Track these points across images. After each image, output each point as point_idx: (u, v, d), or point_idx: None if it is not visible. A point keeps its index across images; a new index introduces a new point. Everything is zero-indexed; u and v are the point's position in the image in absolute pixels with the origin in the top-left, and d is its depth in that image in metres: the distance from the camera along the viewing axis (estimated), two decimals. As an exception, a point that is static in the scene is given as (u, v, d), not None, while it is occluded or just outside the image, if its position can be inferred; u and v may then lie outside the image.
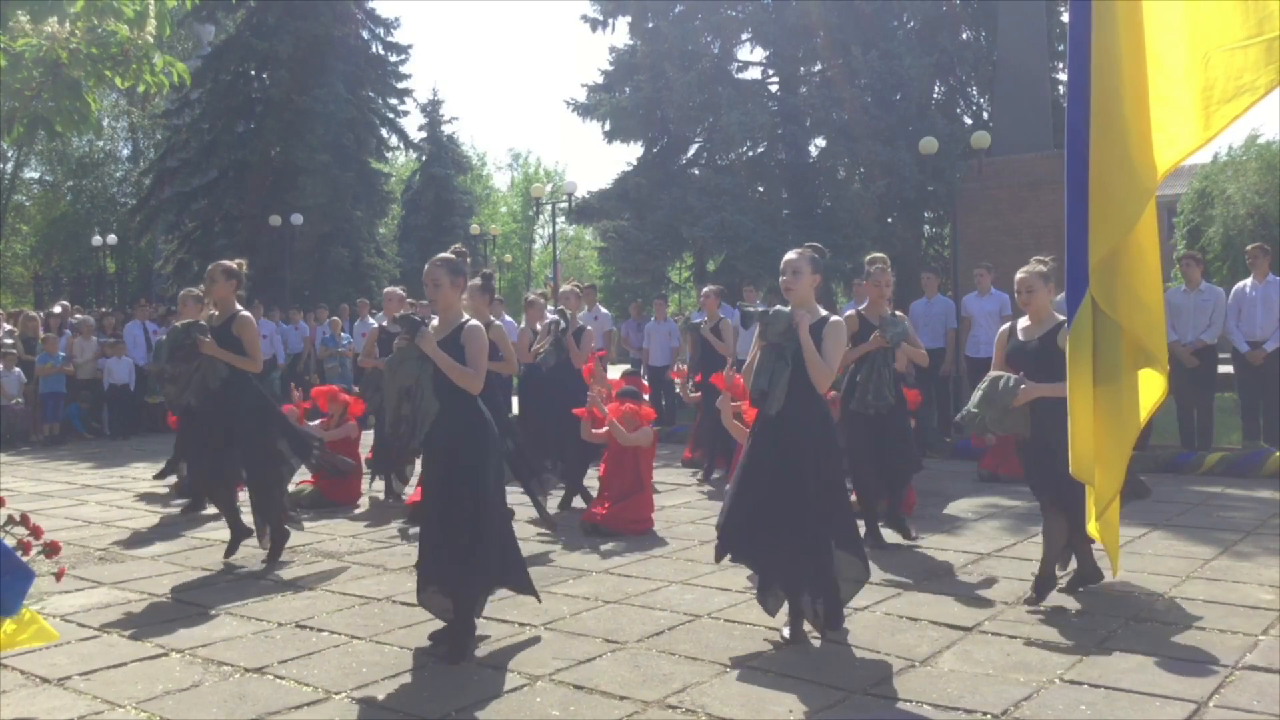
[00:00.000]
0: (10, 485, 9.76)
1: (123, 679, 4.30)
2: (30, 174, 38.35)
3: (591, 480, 7.95)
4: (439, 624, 4.67)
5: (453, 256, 4.75)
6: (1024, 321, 5.32)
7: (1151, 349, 3.05)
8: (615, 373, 8.73)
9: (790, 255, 4.69)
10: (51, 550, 4.96)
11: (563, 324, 8.19)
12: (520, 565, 4.86)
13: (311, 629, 4.96)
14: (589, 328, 8.53)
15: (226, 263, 6.47)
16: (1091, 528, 3.95)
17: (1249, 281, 9.83)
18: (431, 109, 34.94)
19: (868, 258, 6.90)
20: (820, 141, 19.50)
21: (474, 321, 4.71)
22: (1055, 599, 5.19)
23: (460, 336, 4.61)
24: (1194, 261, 10.21)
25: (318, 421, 8.72)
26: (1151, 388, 3.49)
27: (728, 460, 7.22)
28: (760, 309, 4.63)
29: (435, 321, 4.73)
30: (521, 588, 4.87)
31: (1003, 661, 4.27)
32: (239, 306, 6.47)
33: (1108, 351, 3.18)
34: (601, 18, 20.32)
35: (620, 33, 35.75)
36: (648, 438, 7.28)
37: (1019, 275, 5.23)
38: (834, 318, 4.65)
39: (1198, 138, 2.54)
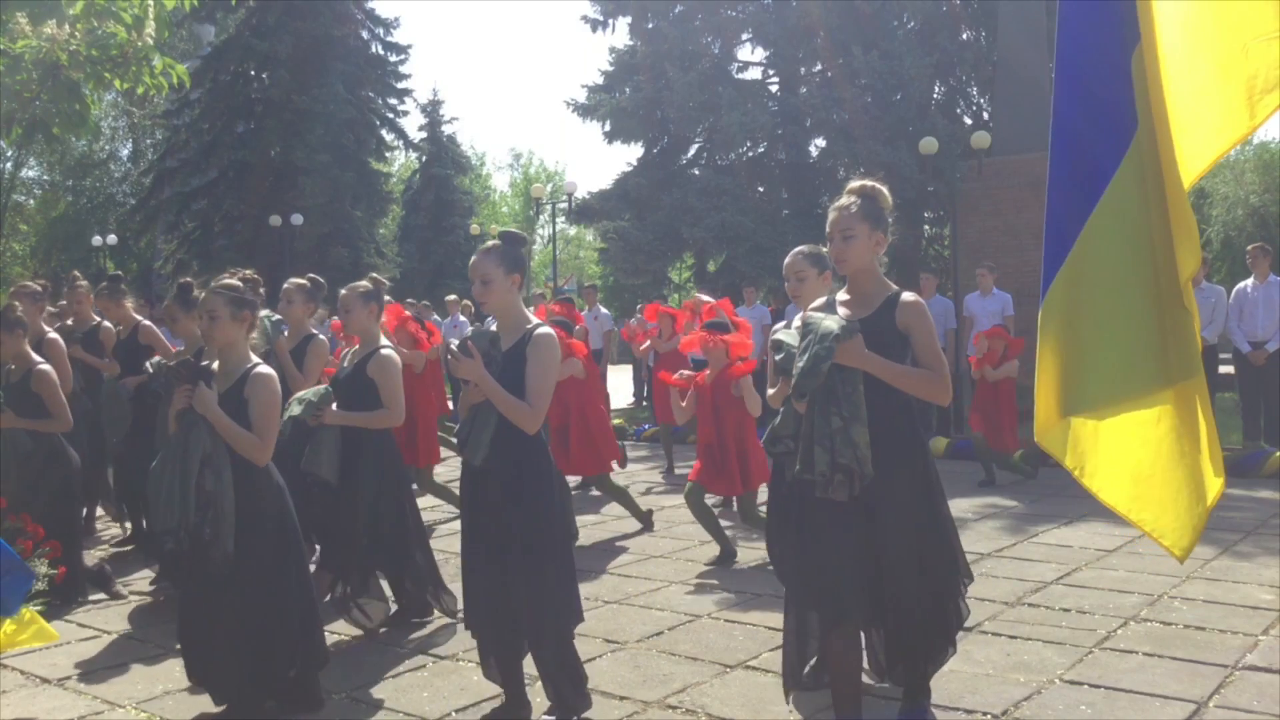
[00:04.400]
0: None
1: (123, 679, 4.30)
2: (29, 174, 38.36)
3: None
4: (437, 625, 4.67)
5: (237, 284, 3.82)
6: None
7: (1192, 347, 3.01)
8: (615, 374, 8.72)
9: (790, 259, 4.14)
10: (53, 551, 4.98)
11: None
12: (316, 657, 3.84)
13: (311, 629, 4.95)
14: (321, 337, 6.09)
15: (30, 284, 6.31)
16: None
17: (1250, 282, 9.83)
18: (431, 109, 34.96)
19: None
20: (820, 141, 19.50)
21: (262, 368, 3.74)
22: (1055, 599, 5.19)
23: (245, 388, 3.66)
24: (1194, 261, 10.21)
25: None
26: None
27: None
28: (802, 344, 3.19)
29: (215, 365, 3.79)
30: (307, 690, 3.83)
31: (1003, 661, 4.27)
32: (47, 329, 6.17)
33: (1179, 348, 3.01)
34: (601, 18, 20.32)
35: (620, 33, 35.76)
36: (577, 368, 6.82)
37: (788, 260, 4.18)
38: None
39: (1243, 126, 2.57)
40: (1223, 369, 10.56)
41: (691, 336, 6.51)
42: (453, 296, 15.91)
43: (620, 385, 16.49)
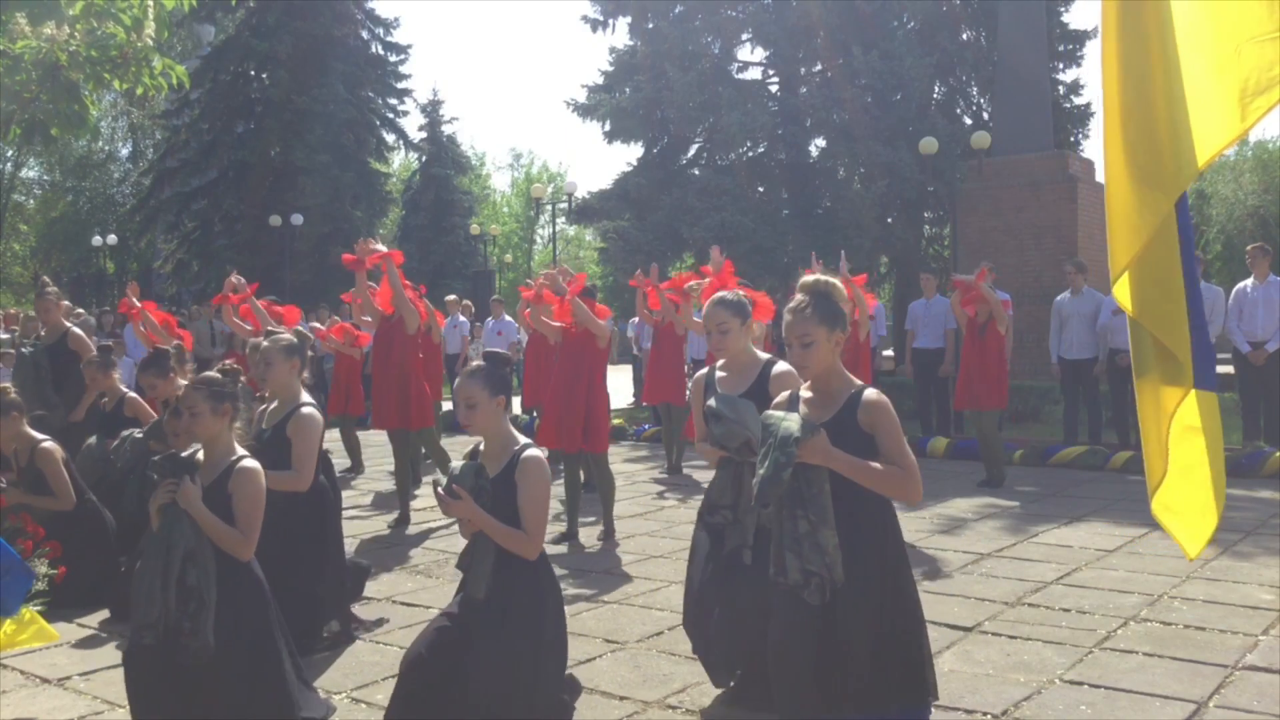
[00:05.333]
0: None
1: (123, 679, 4.30)
2: (29, 174, 38.40)
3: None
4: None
5: (215, 376, 3.72)
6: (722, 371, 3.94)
7: (1175, 352, 3.02)
8: (615, 374, 8.72)
9: (710, 309, 3.80)
10: (53, 551, 4.98)
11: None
12: None
13: (311, 629, 4.95)
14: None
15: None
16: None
17: (1249, 282, 9.83)
18: (431, 109, 34.98)
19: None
20: (820, 142, 19.52)
21: (247, 461, 3.67)
22: (1055, 599, 5.19)
23: (229, 482, 3.59)
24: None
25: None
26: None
27: None
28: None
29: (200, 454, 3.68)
30: None
31: (1003, 661, 4.27)
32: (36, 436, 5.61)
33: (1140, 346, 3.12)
34: (601, 18, 20.33)
35: (620, 33, 35.76)
36: (601, 330, 6.78)
37: (707, 309, 3.88)
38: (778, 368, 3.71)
39: (1234, 129, 2.56)
40: (1222, 369, 10.54)
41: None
42: (452, 297, 15.91)
43: (620, 385, 16.48)
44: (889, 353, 15.42)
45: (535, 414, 11.91)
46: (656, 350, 9.87)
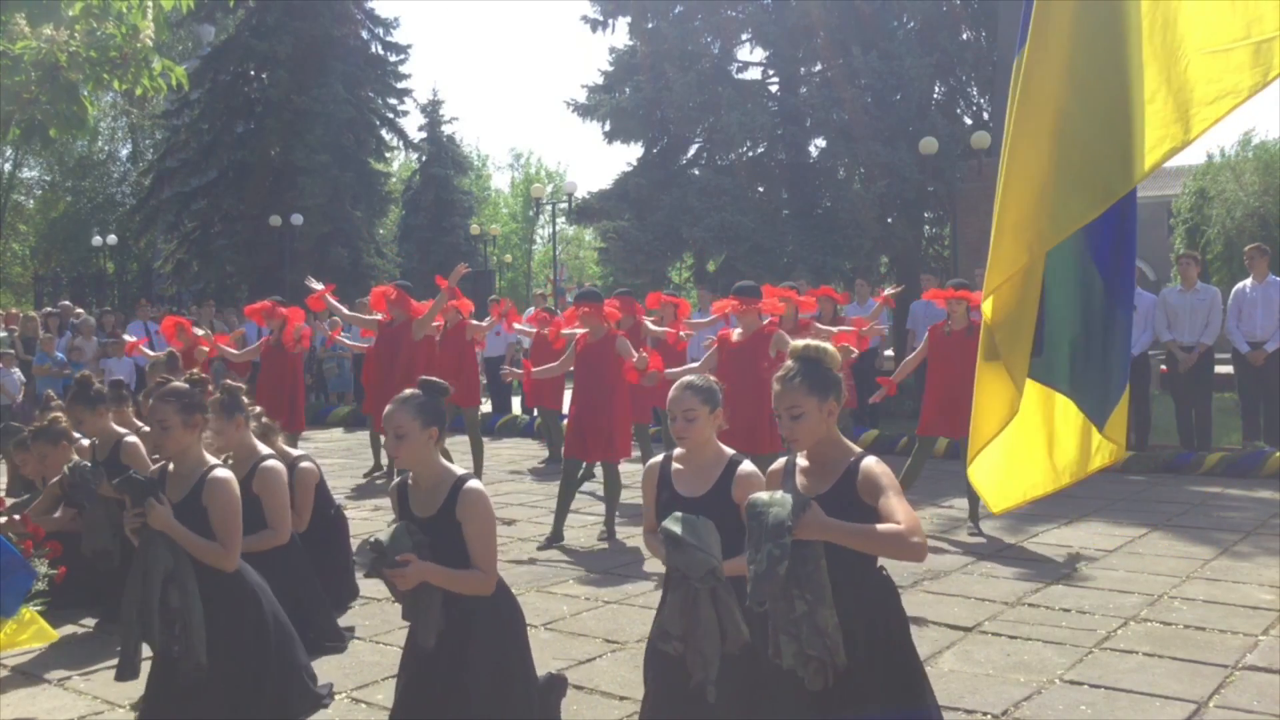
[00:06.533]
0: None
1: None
2: (29, 174, 38.42)
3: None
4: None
5: (183, 386, 3.66)
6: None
7: (1013, 374, 3.13)
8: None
9: (675, 393, 3.35)
10: (53, 551, 4.98)
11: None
12: None
13: (311, 629, 4.95)
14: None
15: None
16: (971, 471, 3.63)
17: (1249, 282, 9.83)
18: (431, 109, 34.96)
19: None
20: (820, 142, 19.50)
21: (219, 471, 3.59)
22: (1055, 599, 5.19)
23: (203, 494, 3.51)
24: (1192, 261, 10.21)
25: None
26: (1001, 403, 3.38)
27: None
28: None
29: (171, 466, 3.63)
30: None
31: (1003, 661, 4.28)
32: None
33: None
34: (601, 18, 20.32)
35: (620, 33, 35.72)
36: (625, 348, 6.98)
37: (674, 393, 3.37)
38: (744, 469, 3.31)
39: (1177, 139, 2.54)
40: (1222, 369, 10.56)
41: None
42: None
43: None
44: (889, 353, 15.42)
45: (536, 414, 11.92)
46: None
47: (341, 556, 5.47)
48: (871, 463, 2.80)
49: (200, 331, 9.67)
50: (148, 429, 6.17)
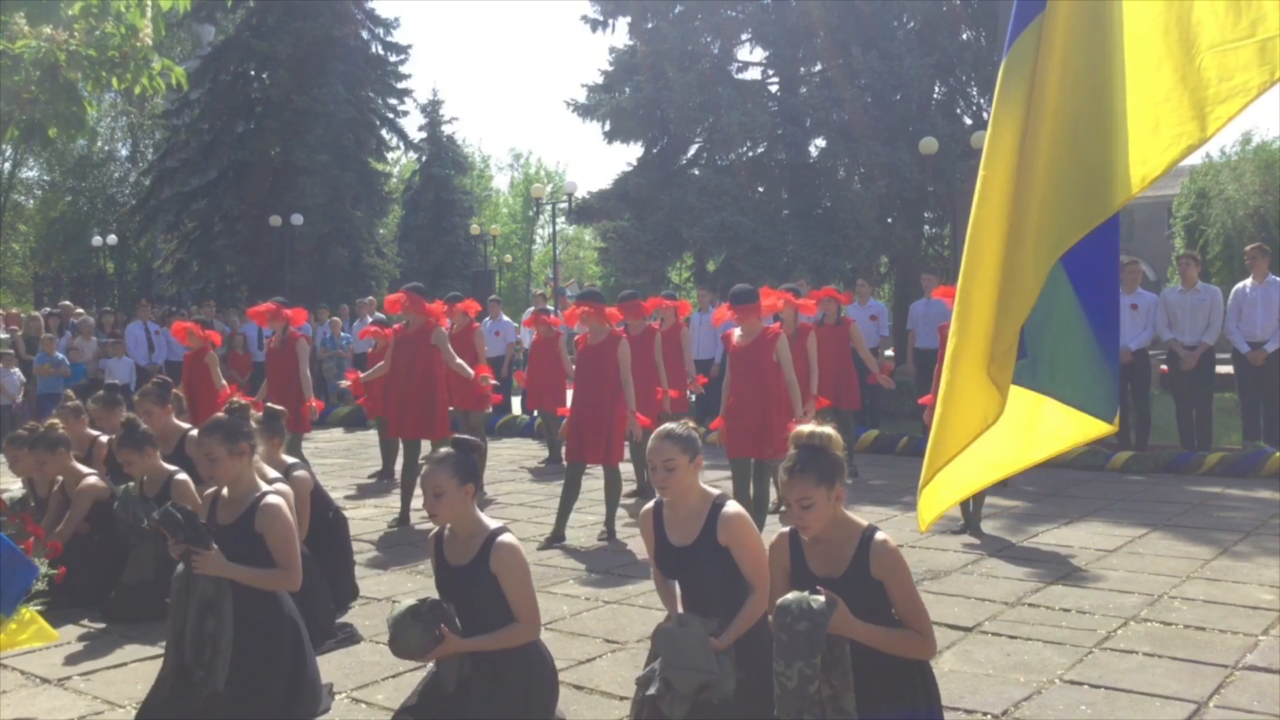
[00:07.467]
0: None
1: (123, 679, 4.30)
2: (29, 174, 38.43)
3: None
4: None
5: (225, 417, 3.75)
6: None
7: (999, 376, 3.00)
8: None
9: (654, 444, 3.34)
10: (53, 551, 4.98)
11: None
12: None
13: (311, 629, 4.95)
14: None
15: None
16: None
17: (1249, 282, 9.82)
18: (431, 109, 34.97)
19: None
20: (820, 142, 19.50)
21: (271, 498, 3.67)
22: (1055, 599, 5.19)
23: (255, 522, 3.61)
24: (1192, 261, 10.21)
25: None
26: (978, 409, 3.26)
27: None
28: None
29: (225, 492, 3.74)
30: None
31: (1003, 661, 4.27)
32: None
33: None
34: (601, 18, 20.32)
35: (620, 33, 35.73)
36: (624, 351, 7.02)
37: (652, 444, 3.36)
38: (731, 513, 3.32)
39: (1194, 137, 2.53)
40: (1222, 369, 10.55)
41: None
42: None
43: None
44: (890, 353, 15.42)
45: (536, 414, 11.91)
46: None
47: (342, 558, 5.49)
48: (882, 540, 2.89)
49: (217, 326, 9.65)
50: (104, 438, 6.26)
